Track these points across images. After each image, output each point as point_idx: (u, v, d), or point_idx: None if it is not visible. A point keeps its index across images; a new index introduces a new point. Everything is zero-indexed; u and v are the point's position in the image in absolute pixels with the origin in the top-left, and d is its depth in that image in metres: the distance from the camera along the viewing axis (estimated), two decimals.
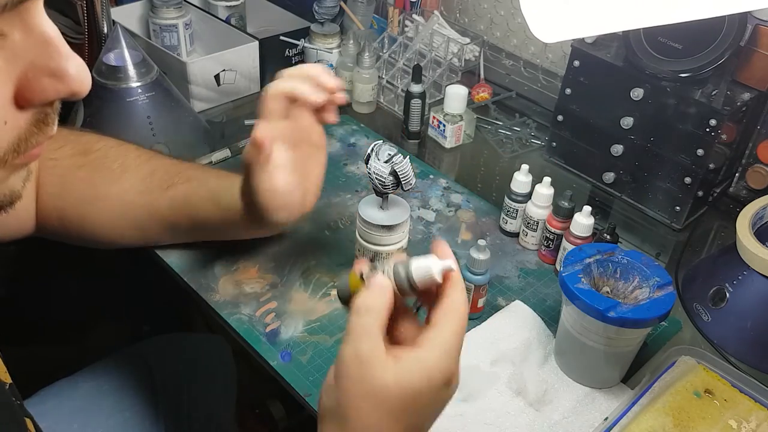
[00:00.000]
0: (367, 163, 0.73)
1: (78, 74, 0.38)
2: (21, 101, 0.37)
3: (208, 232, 0.79)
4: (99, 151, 0.76)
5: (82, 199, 0.75)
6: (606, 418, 0.69)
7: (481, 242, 0.76)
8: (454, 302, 0.49)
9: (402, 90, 1.18)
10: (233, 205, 0.72)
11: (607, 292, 0.72)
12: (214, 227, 0.76)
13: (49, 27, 0.37)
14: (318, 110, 0.68)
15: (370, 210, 0.77)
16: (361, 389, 0.46)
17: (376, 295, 0.48)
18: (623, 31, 0.93)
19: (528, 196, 0.89)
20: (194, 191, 0.74)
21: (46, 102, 0.38)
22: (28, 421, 0.56)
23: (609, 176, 1.01)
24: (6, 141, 0.37)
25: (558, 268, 0.87)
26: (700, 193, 0.94)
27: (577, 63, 0.98)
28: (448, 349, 0.47)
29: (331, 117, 0.69)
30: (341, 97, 0.68)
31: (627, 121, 0.95)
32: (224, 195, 0.73)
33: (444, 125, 1.09)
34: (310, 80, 0.66)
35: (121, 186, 0.74)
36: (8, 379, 0.55)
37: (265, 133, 0.65)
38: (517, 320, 0.79)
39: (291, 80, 0.67)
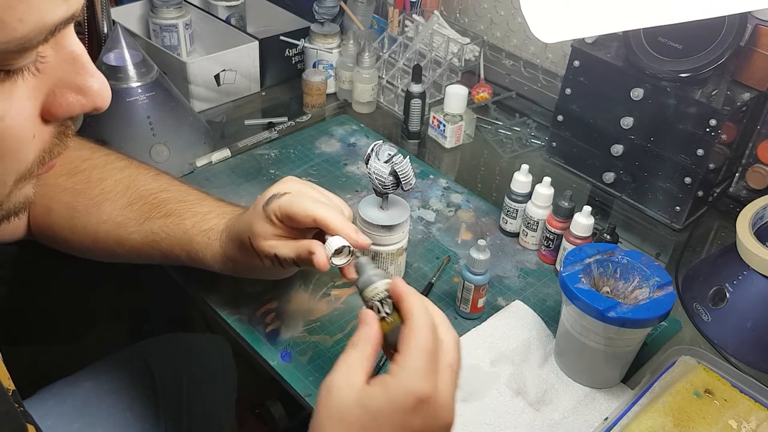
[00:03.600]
0: (367, 163, 0.73)
1: (101, 90, 0.40)
2: (47, 115, 0.39)
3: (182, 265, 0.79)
4: (83, 173, 0.76)
5: (63, 224, 0.75)
6: (606, 418, 0.69)
7: (481, 242, 0.76)
8: (415, 324, 0.51)
9: (402, 90, 1.18)
10: (205, 263, 0.74)
11: (607, 292, 0.72)
12: (186, 264, 0.76)
13: (77, 45, 0.39)
14: None
15: (370, 210, 0.77)
16: (325, 413, 0.50)
17: (361, 330, 0.53)
18: (623, 31, 0.93)
19: (528, 196, 0.89)
20: (168, 231, 0.73)
21: (70, 116, 0.40)
22: (30, 427, 0.56)
23: (609, 176, 1.01)
24: (33, 154, 0.39)
25: (558, 268, 0.87)
26: (700, 193, 0.94)
27: (577, 63, 0.98)
28: (413, 371, 0.49)
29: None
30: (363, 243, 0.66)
31: (627, 121, 0.95)
32: (197, 246, 0.73)
33: (444, 125, 1.09)
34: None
35: (98, 217, 0.74)
36: (11, 386, 0.55)
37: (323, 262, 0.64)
38: (517, 320, 0.79)
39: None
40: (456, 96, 1.07)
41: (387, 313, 0.54)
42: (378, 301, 0.56)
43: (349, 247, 0.65)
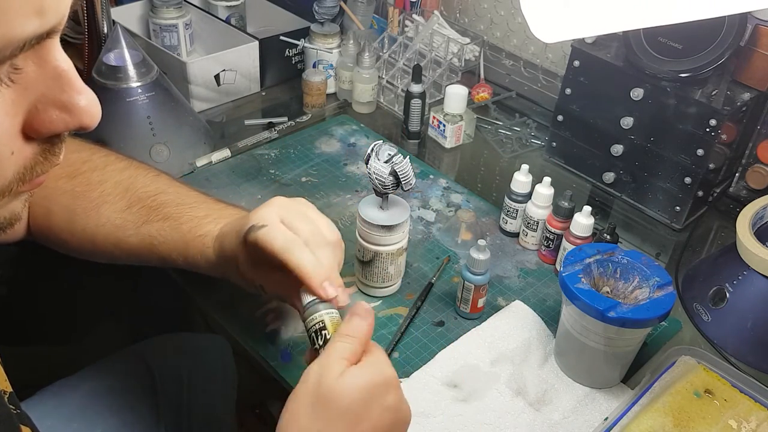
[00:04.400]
0: (367, 163, 0.73)
1: (88, 108, 0.38)
2: (29, 132, 0.37)
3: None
4: (83, 175, 0.76)
5: (62, 226, 0.75)
6: (606, 418, 0.69)
7: (481, 242, 0.76)
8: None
9: (402, 90, 1.18)
10: (201, 269, 0.73)
11: (607, 292, 0.72)
12: (183, 267, 0.76)
13: (62, 61, 0.37)
14: None
15: (370, 210, 0.77)
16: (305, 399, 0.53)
17: (352, 322, 0.56)
18: (623, 31, 0.93)
19: (528, 196, 0.89)
20: (165, 236, 0.72)
21: (54, 133, 0.38)
22: (25, 429, 0.56)
23: (609, 176, 1.01)
24: (12, 171, 0.38)
25: (558, 268, 0.87)
26: (700, 193, 0.94)
27: (577, 63, 0.98)
28: (382, 360, 0.55)
29: (344, 299, 0.65)
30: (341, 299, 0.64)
31: (627, 121, 0.95)
32: (193, 252, 0.72)
33: (444, 125, 1.09)
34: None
35: (97, 220, 0.74)
36: (8, 388, 0.55)
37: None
38: (517, 320, 0.79)
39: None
40: (456, 96, 1.07)
41: (320, 345, 0.57)
42: (314, 332, 0.59)
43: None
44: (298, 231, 0.65)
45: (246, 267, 0.67)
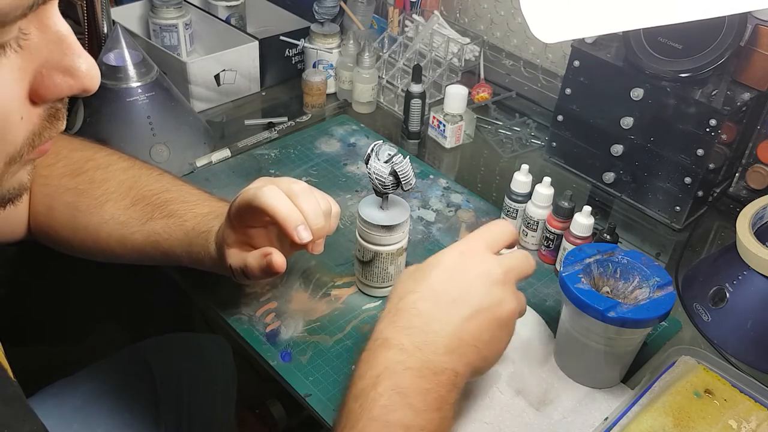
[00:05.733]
0: (367, 163, 0.73)
1: (89, 71, 0.40)
2: (35, 97, 0.39)
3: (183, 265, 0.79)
4: (86, 174, 0.76)
5: (64, 224, 0.75)
6: (606, 418, 0.69)
7: None
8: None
9: (402, 90, 1.18)
10: (205, 266, 0.74)
11: (607, 292, 0.72)
12: (187, 265, 0.76)
13: (62, 25, 0.38)
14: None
15: (370, 210, 0.77)
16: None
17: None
18: (623, 31, 0.93)
19: (528, 196, 0.89)
20: (170, 232, 0.73)
21: (58, 98, 0.40)
22: None
23: (609, 176, 1.01)
24: (22, 136, 0.39)
25: (558, 268, 0.87)
26: (700, 193, 0.94)
27: (577, 63, 0.98)
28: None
29: (317, 248, 0.68)
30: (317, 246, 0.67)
31: (627, 121, 0.95)
32: (196, 248, 0.73)
33: (444, 125, 1.09)
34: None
35: (101, 217, 0.74)
36: (13, 378, 0.55)
37: (281, 263, 0.66)
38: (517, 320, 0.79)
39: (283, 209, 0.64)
40: (456, 96, 1.07)
41: None
42: None
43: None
44: (277, 182, 0.66)
45: (227, 250, 0.68)
